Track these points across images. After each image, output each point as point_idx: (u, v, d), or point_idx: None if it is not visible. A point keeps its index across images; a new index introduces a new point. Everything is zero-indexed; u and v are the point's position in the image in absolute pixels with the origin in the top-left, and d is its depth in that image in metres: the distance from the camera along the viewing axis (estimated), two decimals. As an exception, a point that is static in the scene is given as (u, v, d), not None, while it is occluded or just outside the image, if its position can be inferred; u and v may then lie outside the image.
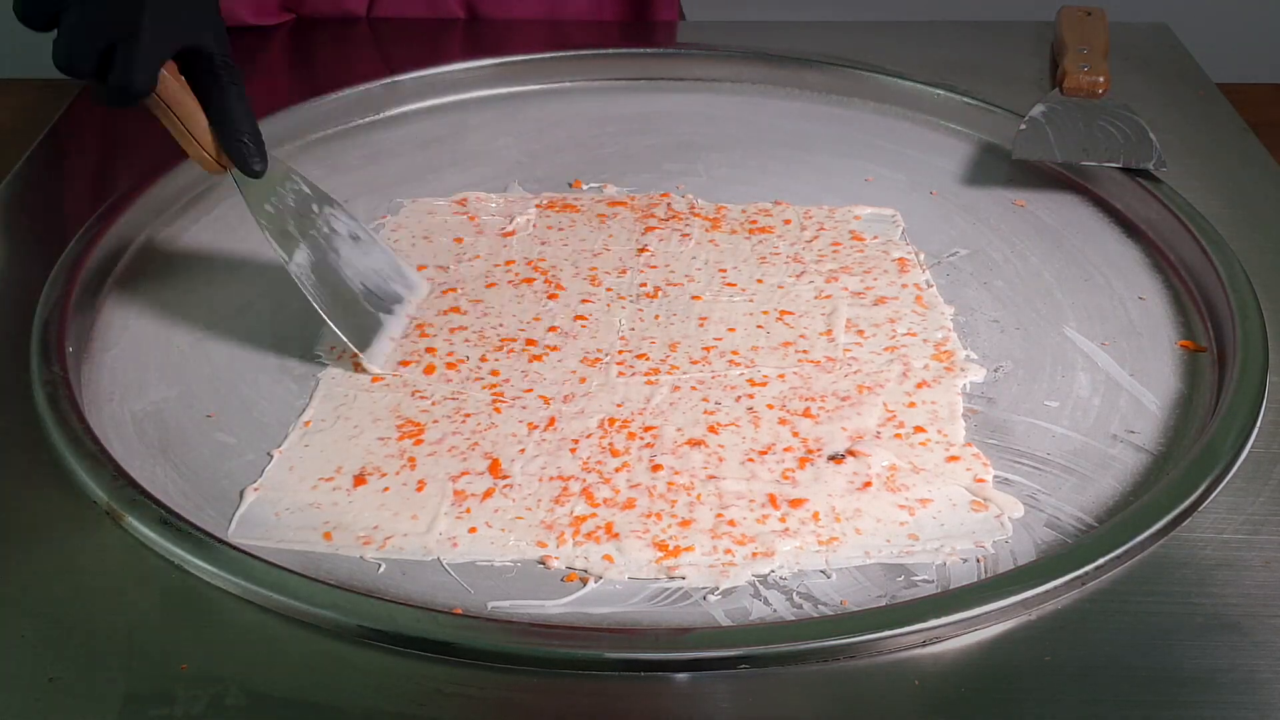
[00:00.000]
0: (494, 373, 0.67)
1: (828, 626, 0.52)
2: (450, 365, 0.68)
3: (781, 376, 0.67)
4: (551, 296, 0.73)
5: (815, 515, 0.58)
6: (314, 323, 0.71)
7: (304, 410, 0.65)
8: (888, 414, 0.64)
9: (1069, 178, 0.84)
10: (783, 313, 0.72)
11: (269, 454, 0.62)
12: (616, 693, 0.50)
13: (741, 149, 0.89)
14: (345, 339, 0.67)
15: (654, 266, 0.76)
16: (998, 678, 0.51)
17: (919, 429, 0.63)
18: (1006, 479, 0.61)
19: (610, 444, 0.62)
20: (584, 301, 0.73)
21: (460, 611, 0.54)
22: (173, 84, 0.64)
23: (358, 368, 0.67)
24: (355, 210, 0.81)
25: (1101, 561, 0.54)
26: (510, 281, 0.75)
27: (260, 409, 0.65)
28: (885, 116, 0.93)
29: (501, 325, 0.71)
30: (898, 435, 0.63)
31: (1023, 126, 0.85)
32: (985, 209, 0.82)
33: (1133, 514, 0.57)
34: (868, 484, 0.60)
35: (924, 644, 0.52)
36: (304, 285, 0.67)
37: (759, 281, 0.75)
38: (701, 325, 0.71)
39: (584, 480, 0.60)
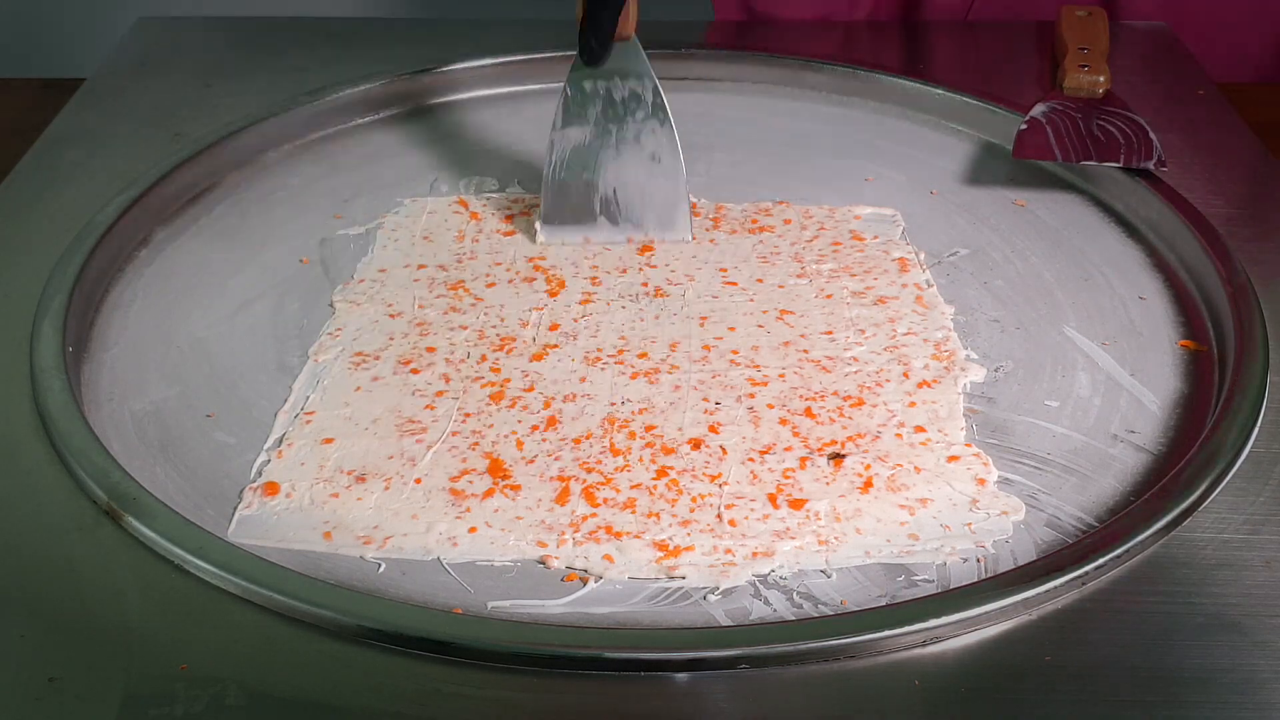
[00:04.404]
0: (494, 370, 0.67)
1: (828, 626, 0.52)
2: (450, 364, 0.68)
3: (782, 376, 0.67)
4: (552, 294, 0.73)
5: (815, 515, 0.58)
6: (314, 322, 0.71)
7: (304, 410, 0.65)
8: (888, 414, 0.64)
9: (1069, 178, 0.84)
10: (783, 312, 0.72)
11: (269, 454, 0.62)
12: (616, 693, 0.50)
13: (741, 149, 0.89)
14: (542, 202, 0.76)
15: (654, 266, 0.76)
16: (998, 678, 0.51)
17: (919, 429, 0.63)
18: (1007, 479, 0.61)
19: (611, 443, 0.62)
20: (584, 301, 0.73)
21: (460, 611, 0.54)
22: None
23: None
24: (355, 210, 0.82)
25: (1101, 561, 0.54)
26: (511, 281, 0.75)
27: (260, 409, 0.65)
28: (885, 116, 0.93)
29: (502, 324, 0.71)
30: (898, 435, 0.63)
31: (1023, 126, 0.85)
32: (985, 209, 0.82)
33: (1133, 514, 0.57)
34: (868, 484, 0.60)
35: (924, 644, 0.52)
36: (549, 151, 0.75)
37: (759, 281, 0.75)
38: (702, 324, 0.71)
39: (584, 480, 0.60)
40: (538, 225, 0.77)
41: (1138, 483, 0.61)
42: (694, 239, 0.76)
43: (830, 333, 0.70)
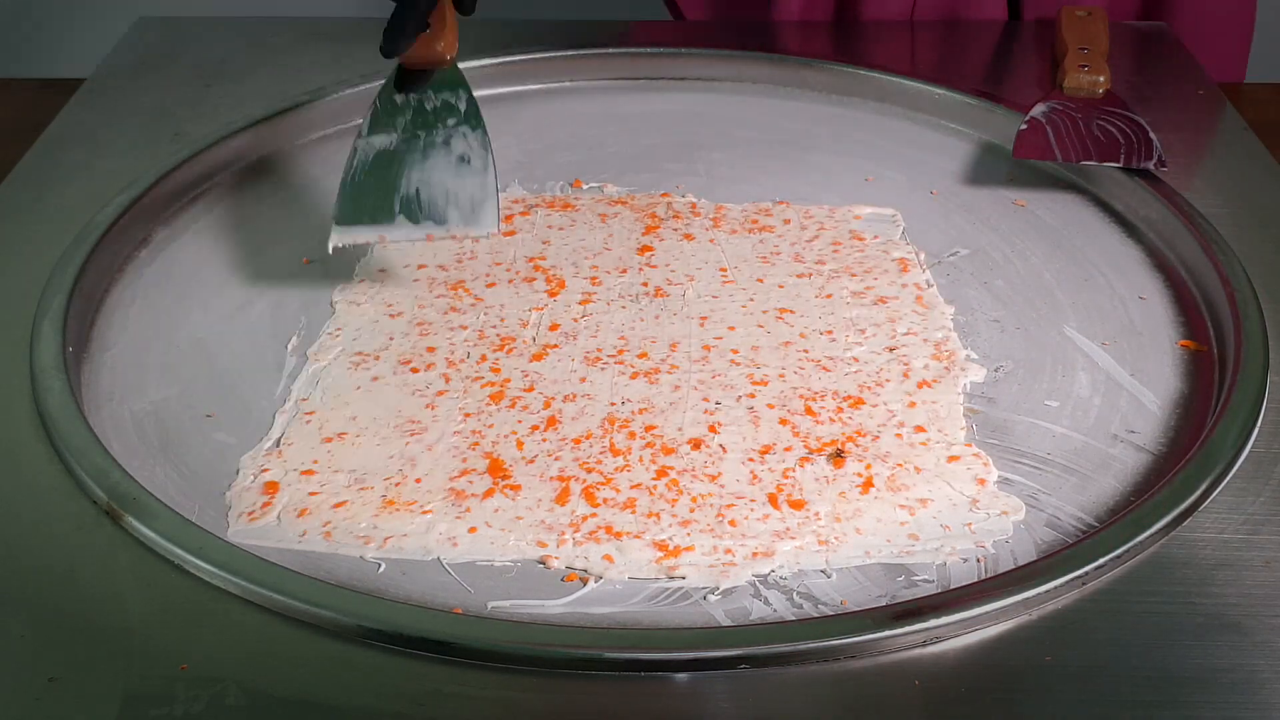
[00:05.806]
0: (495, 370, 0.67)
1: (828, 626, 0.52)
2: (451, 364, 0.68)
3: (782, 376, 0.67)
4: (552, 294, 0.73)
5: (815, 515, 0.58)
6: (314, 322, 0.71)
7: (304, 410, 0.65)
8: (888, 414, 0.64)
9: (1069, 178, 0.84)
10: (783, 311, 0.72)
11: (269, 454, 0.62)
12: (616, 693, 0.50)
13: (741, 149, 0.89)
14: (336, 204, 0.71)
15: (654, 266, 0.76)
16: (998, 678, 0.51)
17: (919, 429, 0.63)
18: (1007, 479, 0.61)
19: (611, 443, 0.62)
20: (584, 301, 0.73)
21: (460, 611, 0.54)
22: None
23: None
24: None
25: (1101, 561, 0.54)
26: (511, 280, 0.75)
27: (260, 409, 0.65)
28: (885, 116, 0.93)
29: (502, 324, 0.71)
30: (898, 435, 0.63)
31: (1023, 126, 0.85)
32: (985, 209, 0.82)
33: (1133, 514, 0.57)
34: (868, 484, 0.60)
35: (924, 644, 0.52)
36: (351, 157, 0.72)
37: (759, 281, 0.75)
38: (702, 324, 0.71)
39: (584, 480, 0.60)
40: (331, 232, 0.71)
41: (1138, 483, 0.61)
42: (503, 233, 0.73)
43: (830, 333, 0.70)
